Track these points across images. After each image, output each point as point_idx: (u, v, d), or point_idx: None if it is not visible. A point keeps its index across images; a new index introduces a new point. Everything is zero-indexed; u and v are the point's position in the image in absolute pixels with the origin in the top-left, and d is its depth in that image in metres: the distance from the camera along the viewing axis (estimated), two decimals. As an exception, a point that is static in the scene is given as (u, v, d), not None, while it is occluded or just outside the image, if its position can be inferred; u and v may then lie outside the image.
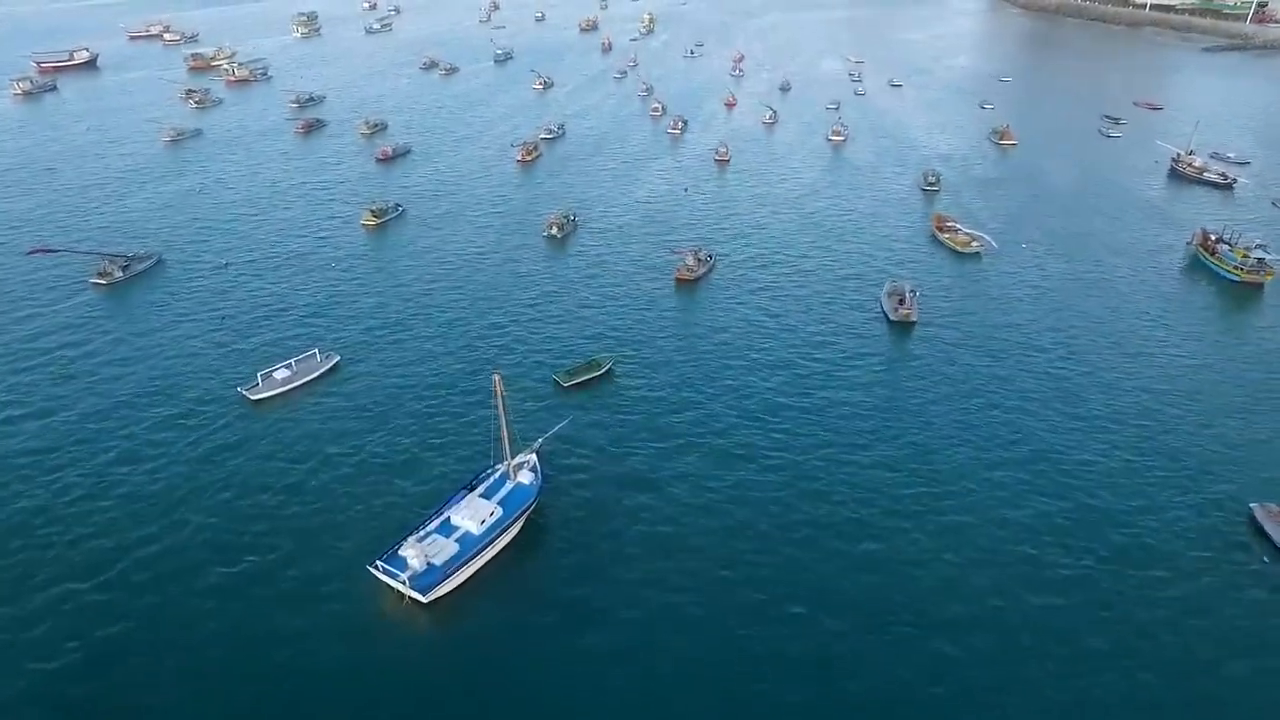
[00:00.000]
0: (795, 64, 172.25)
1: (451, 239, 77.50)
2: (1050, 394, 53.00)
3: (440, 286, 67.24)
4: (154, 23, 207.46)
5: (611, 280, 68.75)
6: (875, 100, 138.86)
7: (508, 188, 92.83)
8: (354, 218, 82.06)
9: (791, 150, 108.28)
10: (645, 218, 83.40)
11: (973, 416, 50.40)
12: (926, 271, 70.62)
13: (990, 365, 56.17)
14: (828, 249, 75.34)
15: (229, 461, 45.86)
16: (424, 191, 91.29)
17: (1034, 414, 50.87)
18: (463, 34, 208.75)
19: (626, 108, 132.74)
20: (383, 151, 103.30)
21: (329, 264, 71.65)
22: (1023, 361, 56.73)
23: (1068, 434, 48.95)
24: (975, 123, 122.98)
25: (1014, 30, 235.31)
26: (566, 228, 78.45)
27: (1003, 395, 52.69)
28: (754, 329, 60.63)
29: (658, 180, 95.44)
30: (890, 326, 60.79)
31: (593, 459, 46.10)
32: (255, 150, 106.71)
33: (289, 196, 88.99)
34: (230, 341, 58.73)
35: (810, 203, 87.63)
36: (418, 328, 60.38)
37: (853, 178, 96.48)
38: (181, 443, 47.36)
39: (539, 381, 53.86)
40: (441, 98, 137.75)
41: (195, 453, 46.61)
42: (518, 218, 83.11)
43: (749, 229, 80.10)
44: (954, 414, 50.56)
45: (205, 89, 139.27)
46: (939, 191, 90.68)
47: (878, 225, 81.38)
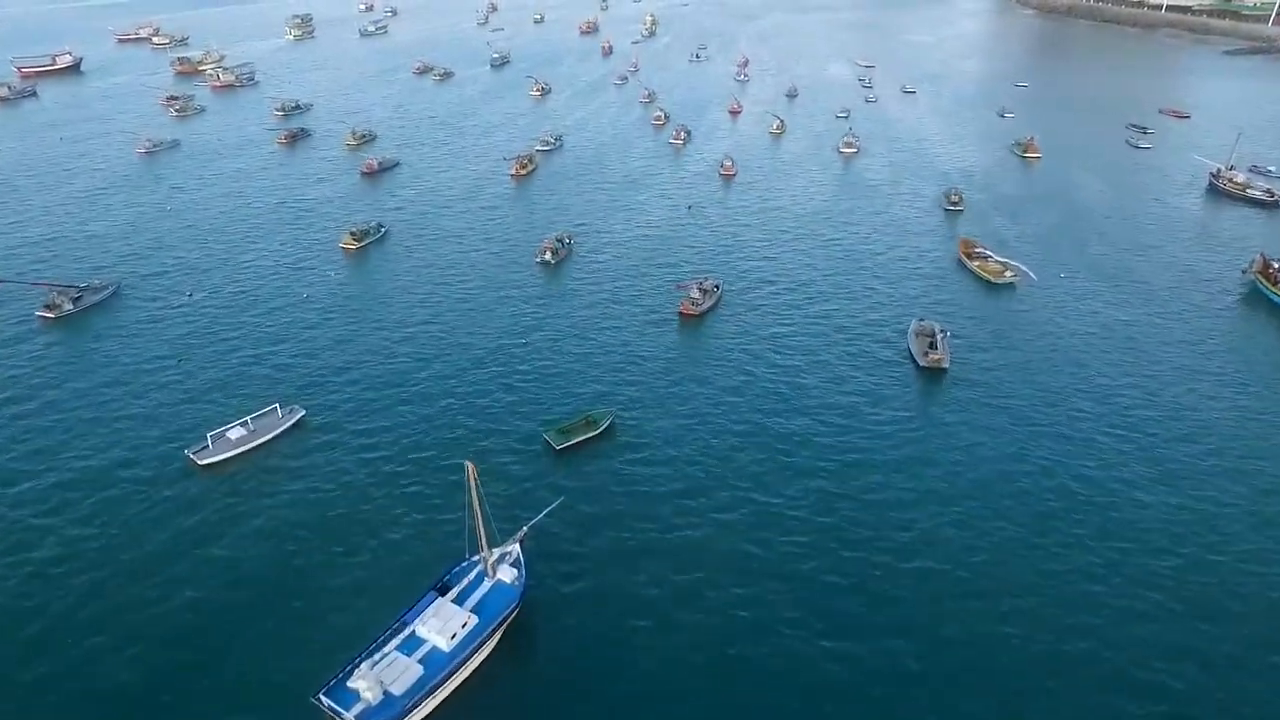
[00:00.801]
0: (802, 68, 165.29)
1: (436, 265, 70.83)
2: (1110, 455, 46.33)
3: (421, 324, 60.51)
4: (143, 25, 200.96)
5: (609, 316, 62.05)
6: (887, 108, 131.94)
7: (500, 205, 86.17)
8: (333, 240, 75.50)
9: (801, 163, 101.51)
10: (646, 240, 76.74)
11: (1021, 482, 43.75)
12: (956, 305, 63.90)
13: (1037, 421, 49.22)
14: (845, 279, 68.56)
15: (157, 550, 39.11)
16: (410, 209, 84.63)
17: (1091, 479, 44.29)
18: (459, 37, 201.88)
19: (627, 115, 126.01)
20: (368, 165, 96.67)
21: (301, 295, 65.06)
22: (1074, 417, 49.83)
23: (1137, 507, 42.32)
24: (995, 133, 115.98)
25: (1025, 32, 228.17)
26: (561, 253, 71.80)
27: (1055, 458, 46.00)
28: (767, 378, 53.79)
29: (659, 197, 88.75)
30: (919, 373, 54.05)
31: (587, 547, 39.44)
32: (234, 163, 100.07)
33: (266, 216, 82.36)
34: (184, 389, 52.13)
35: (823, 224, 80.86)
36: (394, 376, 53.61)
37: (868, 195, 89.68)
38: (111, 522, 40.75)
39: (528, 442, 47.28)
40: (434, 105, 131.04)
41: (119, 537, 39.96)
42: (509, 240, 76.46)
43: (758, 254, 73.34)
44: (999, 484, 43.83)
45: (188, 96, 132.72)
46: (963, 211, 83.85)
47: (898, 250, 74.61)
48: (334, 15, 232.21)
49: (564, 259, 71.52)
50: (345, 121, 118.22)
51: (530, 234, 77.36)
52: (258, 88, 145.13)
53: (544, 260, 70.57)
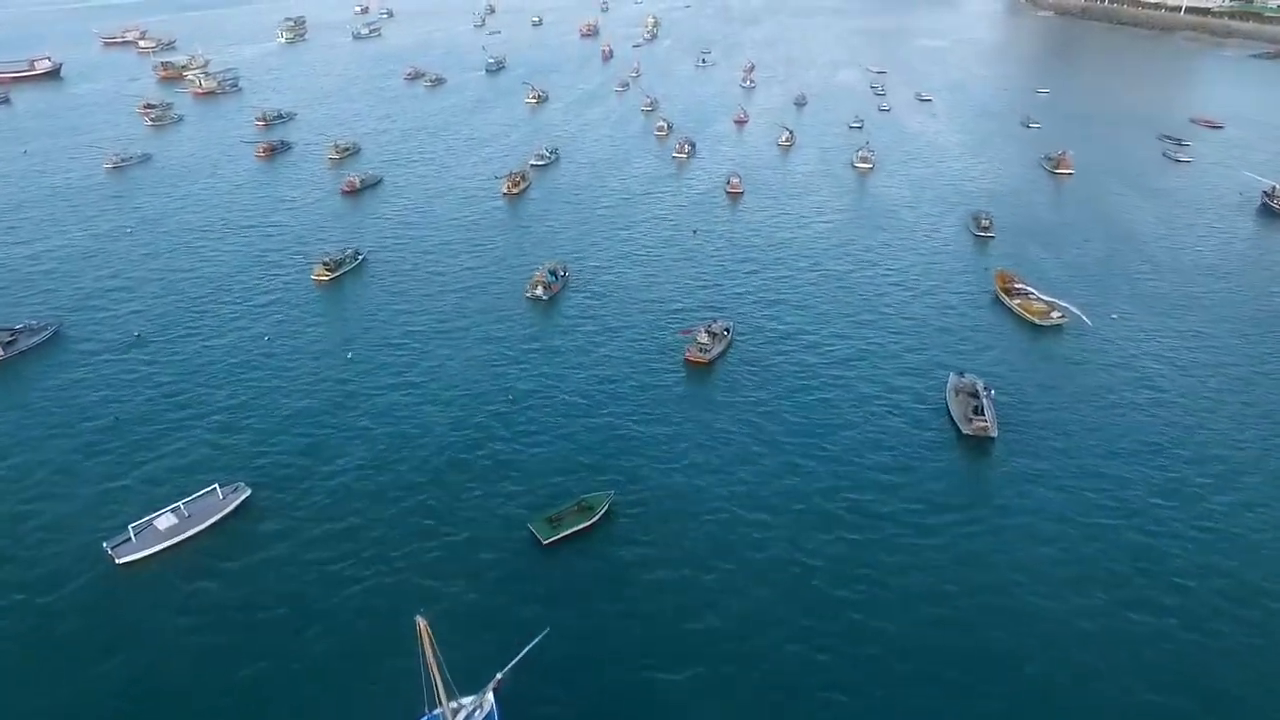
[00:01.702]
0: (810, 74, 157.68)
1: (415, 301, 63.36)
2: (1199, 562, 38.81)
3: (395, 377, 53.00)
4: (130, 28, 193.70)
5: (607, 363, 54.56)
6: (903, 118, 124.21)
7: (489, 229, 78.68)
8: (305, 270, 68.11)
9: (813, 181, 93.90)
10: (647, 270, 69.18)
11: (1096, 597, 36.29)
12: (996, 352, 56.33)
13: (1108, 510, 41.67)
14: (868, 318, 60.95)
15: (56, 677, 31.90)
16: (391, 234, 77.17)
17: (1180, 610, 36.81)
18: (455, 40, 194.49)
19: (628, 125, 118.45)
20: (349, 183, 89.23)
21: (263, 338, 57.72)
22: (1153, 505, 42.33)
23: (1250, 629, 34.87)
24: (1021, 145, 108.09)
25: (1039, 34, 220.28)
26: (554, 287, 64.28)
27: (1133, 563, 38.55)
28: (785, 446, 46.14)
29: (662, 219, 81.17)
30: (961, 441, 46.56)
31: (576, 692, 32.01)
32: (206, 180, 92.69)
33: (233, 241, 74.97)
34: (116, 458, 44.79)
35: (840, 252, 73.20)
36: (358, 445, 46.04)
37: (888, 218, 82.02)
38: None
39: (510, 530, 39.91)
40: (424, 114, 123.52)
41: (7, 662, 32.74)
42: (498, 271, 68.96)
43: (770, 288, 65.70)
44: (1074, 600, 36.28)
45: (166, 104, 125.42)
46: (994, 237, 76.10)
47: (926, 282, 67.02)
48: (328, 18, 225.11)
49: (557, 294, 64.09)
50: (329, 132, 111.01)
51: (521, 263, 69.92)
52: (241, 94, 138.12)
53: (535, 296, 63.14)
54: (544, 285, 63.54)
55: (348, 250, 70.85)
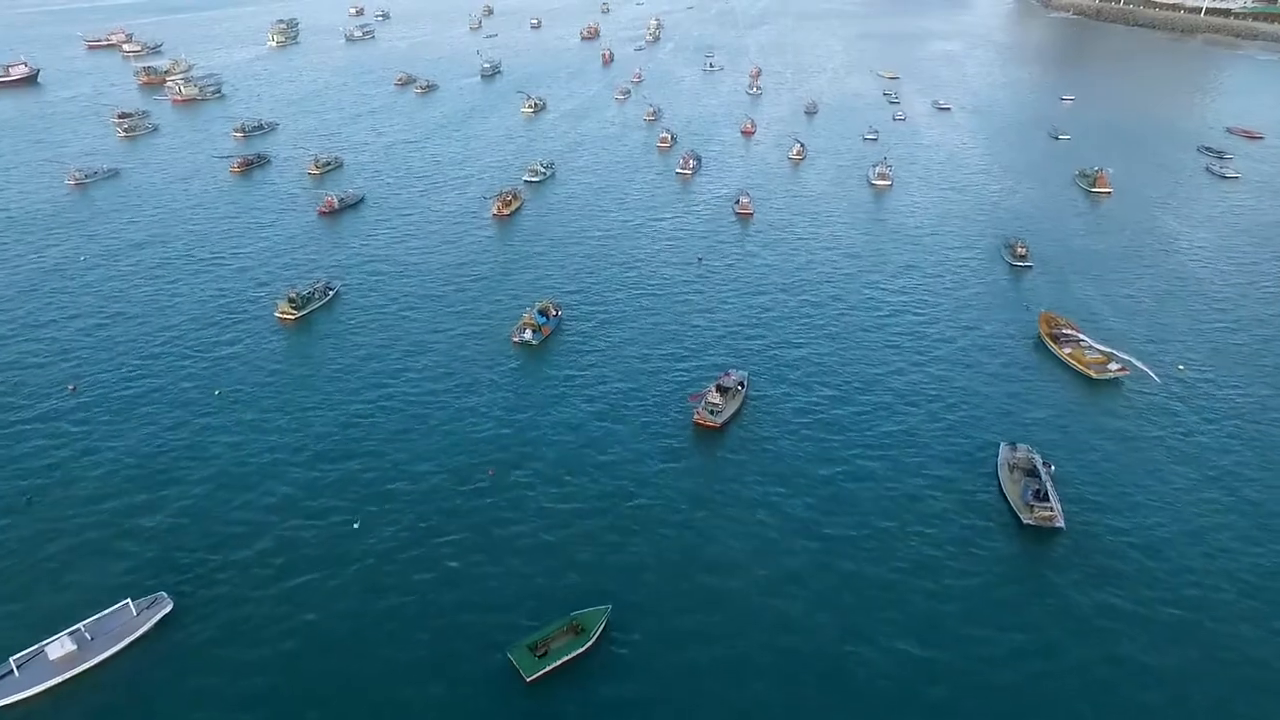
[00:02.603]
0: (820, 80, 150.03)
1: (388, 347, 55.97)
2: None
3: (354, 448, 45.36)
4: (115, 31, 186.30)
5: (601, 422, 47.19)
6: (920, 128, 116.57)
7: (476, 256, 71.26)
8: (269, 306, 60.85)
9: (827, 199, 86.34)
10: (649, 307, 61.74)
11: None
12: (1047, 410, 48.91)
13: (1203, 638, 34.60)
14: (900, 366, 53.58)
15: None
16: (369, 261, 69.84)
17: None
18: (450, 43, 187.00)
19: (629, 136, 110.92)
20: (327, 203, 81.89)
21: (213, 393, 50.39)
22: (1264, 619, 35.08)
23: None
24: (1051, 160, 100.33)
25: (1056, 37, 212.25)
26: (545, 329, 56.94)
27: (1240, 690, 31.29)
28: (814, 544, 39.01)
29: (666, 245, 73.70)
30: (1021, 532, 39.24)
31: None
32: (175, 199, 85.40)
33: (194, 272, 67.62)
34: (18, 559, 37.60)
35: (862, 284, 65.74)
36: (307, 539, 38.76)
37: (911, 244, 74.43)
38: None
39: (486, 655, 32.62)
40: (413, 124, 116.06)
41: None
42: (482, 308, 61.55)
43: (785, 329, 58.21)
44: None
45: (142, 113, 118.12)
46: (1031, 267, 68.62)
47: (961, 325, 59.48)
48: (321, 21, 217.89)
49: (548, 338, 56.72)
50: (311, 144, 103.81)
51: (509, 298, 62.57)
52: (224, 102, 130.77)
53: (523, 340, 55.81)
54: (533, 328, 56.17)
55: (318, 283, 63.48)
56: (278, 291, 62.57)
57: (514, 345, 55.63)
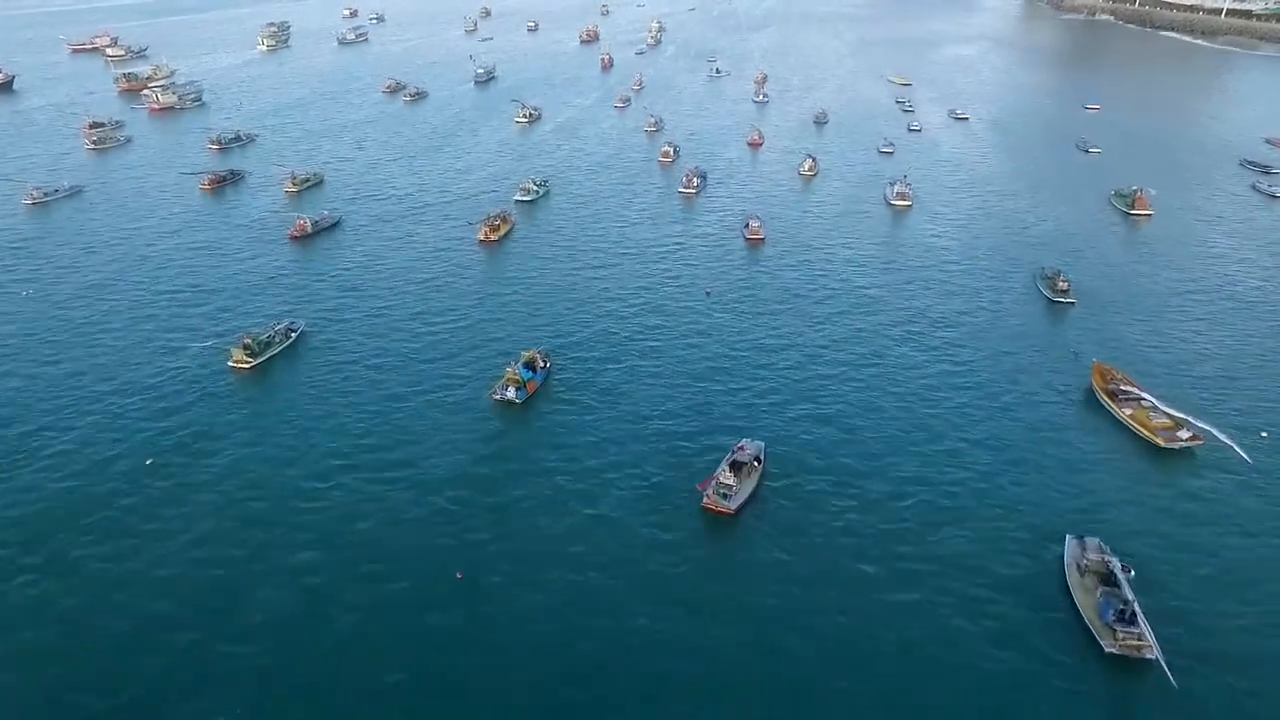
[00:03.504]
0: (828, 87, 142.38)
1: (352, 404, 48.53)
2: None
3: (294, 546, 38.08)
4: (99, 34, 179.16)
5: (594, 517, 39.53)
6: (938, 139, 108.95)
7: (457, 292, 63.75)
8: (223, 353, 53.51)
9: (844, 221, 78.76)
10: (650, 355, 54.44)
11: None
12: (1114, 490, 41.57)
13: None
14: (938, 428, 46.09)
15: None
16: (340, 295, 62.45)
17: None
18: (445, 47, 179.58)
19: (629, 150, 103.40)
20: (299, 227, 74.55)
21: (144, 463, 43.22)
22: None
23: None
24: (1082, 176, 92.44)
25: (1071, 40, 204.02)
26: (531, 385, 49.54)
27: None
28: (843, 687, 31.84)
29: (669, 276, 66.18)
30: (1102, 662, 31.94)
31: None
32: (137, 222, 78.17)
33: (144, 311, 60.29)
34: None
35: (889, 326, 58.02)
36: (224, 677, 31.63)
37: (938, 274, 66.79)
38: None
39: None
40: (399, 135, 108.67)
41: None
42: (462, 354, 54.06)
43: (807, 384, 50.79)
44: None
45: (115, 123, 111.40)
46: (1074, 304, 61.16)
47: (1001, 374, 51.80)
48: (314, 23, 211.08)
49: (534, 395, 49.42)
50: (291, 158, 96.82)
51: (490, 344, 55.18)
52: (204, 110, 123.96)
53: (505, 399, 48.51)
54: (516, 385, 48.80)
55: (279, 325, 56.09)
56: (231, 336, 55.31)
57: (494, 402, 48.35)
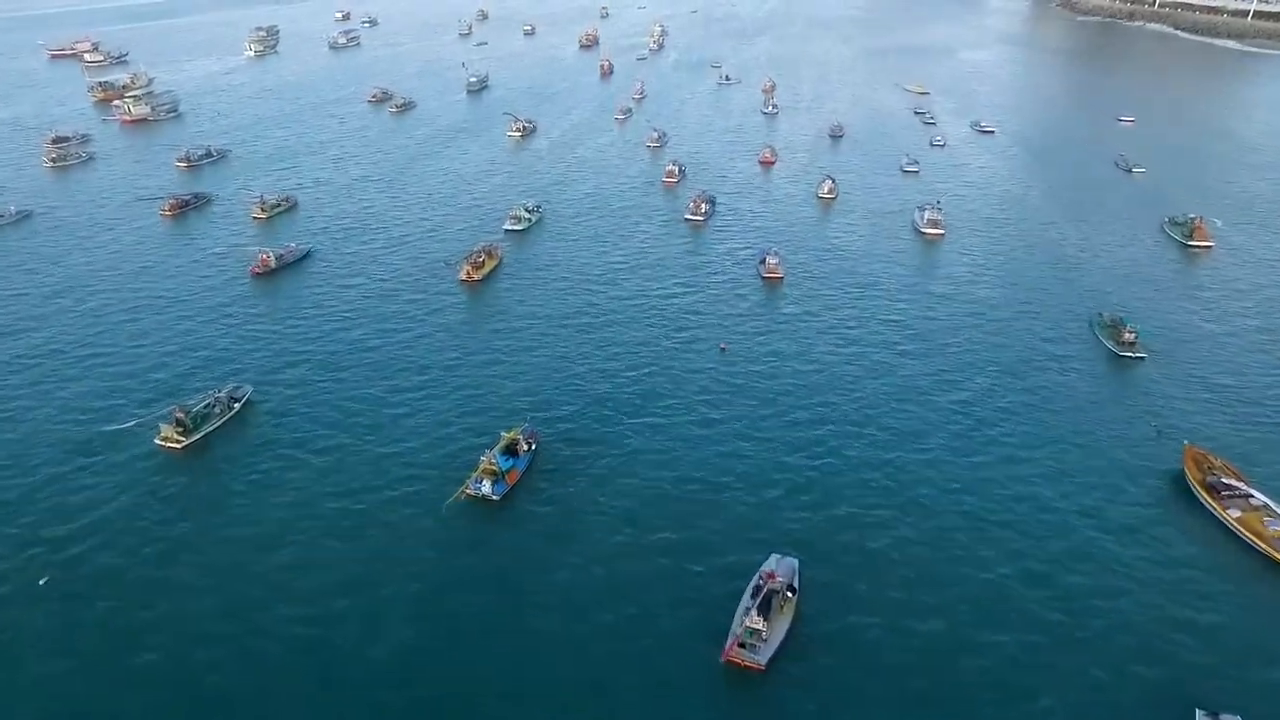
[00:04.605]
0: (841, 96, 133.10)
1: (293, 504, 39.76)
2: None
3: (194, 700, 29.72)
4: (80, 39, 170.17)
5: (587, 693, 31.14)
6: (963, 156, 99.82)
7: (433, 341, 54.69)
8: (154, 427, 44.72)
9: (870, 255, 69.60)
10: (652, 428, 45.52)
11: None
12: (1236, 634, 32.71)
13: None
14: (1018, 548, 37.22)
15: None
16: (298, 350, 53.51)
17: None
18: (437, 51, 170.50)
19: (631, 168, 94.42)
20: (261, 261, 65.72)
21: (37, 583, 34.61)
22: None
23: None
24: (1129, 200, 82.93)
25: (1090, 44, 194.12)
26: (512, 475, 40.67)
27: None
28: None
29: (675, 328, 57.26)
30: None
31: None
32: (86, 255, 69.31)
33: (70, 368, 51.37)
34: None
35: (932, 389, 49.18)
36: None
37: (987, 326, 57.15)
38: None
39: None
40: (383, 151, 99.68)
41: None
42: (432, 435, 45.04)
43: (845, 473, 41.74)
44: None
45: (82, 137, 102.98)
46: (1143, 359, 52.37)
47: (1073, 454, 43.00)
48: (306, 27, 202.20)
49: (514, 488, 40.67)
50: (264, 176, 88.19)
51: (466, 417, 46.36)
52: (180, 122, 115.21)
53: (479, 495, 39.77)
54: (493, 477, 39.88)
55: (220, 392, 47.30)
56: (170, 402, 46.63)
57: (465, 499, 39.58)
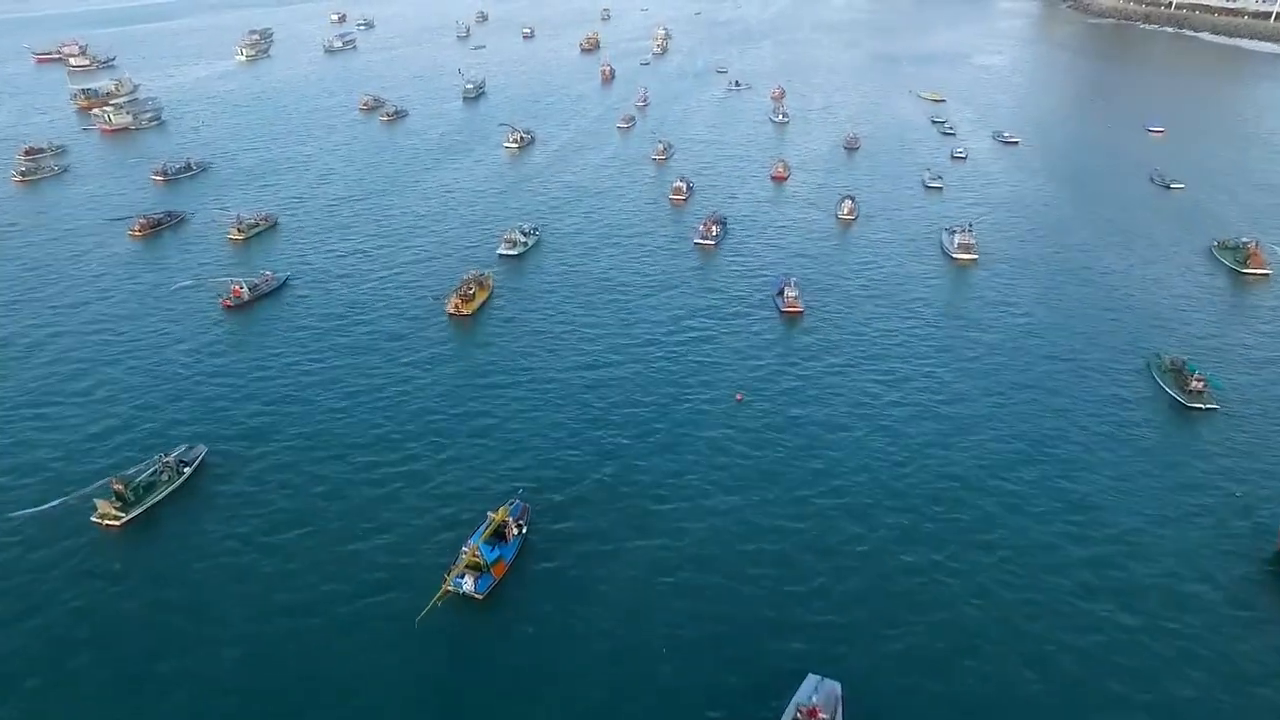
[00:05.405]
0: (853, 103, 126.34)
1: (251, 597, 33.78)
2: None
3: None
4: (67, 43, 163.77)
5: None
6: (987, 169, 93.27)
7: (411, 404, 48.15)
8: (87, 503, 38.39)
9: (898, 282, 63.18)
10: (662, 518, 39.21)
11: None
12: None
13: None
14: (1105, 687, 31.29)
15: None
16: (263, 402, 47.37)
17: None
18: (434, 55, 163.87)
19: (635, 183, 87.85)
20: (234, 293, 59.46)
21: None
22: None
23: None
24: (1170, 221, 76.28)
25: (1102, 48, 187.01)
26: (499, 567, 34.45)
27: None
28: None
29: (686, 375, 50.56)
30: None
31: None
32: (43, 285, 62.74)
33: (9, 440, 45.65)
34: None
35: (982, 454, 43.12)
36: None
37: (1032, 363, 51.29)
38: None
39: None
40: (371, 165, 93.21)
41: None
42: (407, 518, 38.60)
43: (891, 579, 35.74)
44: None
45: (57, 149, 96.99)
46: (1215, 411, 46.09)
47: (1147, 537, 37.00)
48: (301, 29, 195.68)
49: (502, 580, 34.50)
50: (241, 196, 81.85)
51: (445, 499, 39.98)
52: (163, 131, 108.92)
53: (460, 592, 33.62)
54: (477, 573, 33.73)
55: (169, 456, 40.81)
56: (121, 459, 40.62)
57: (445, 596, 33.40)
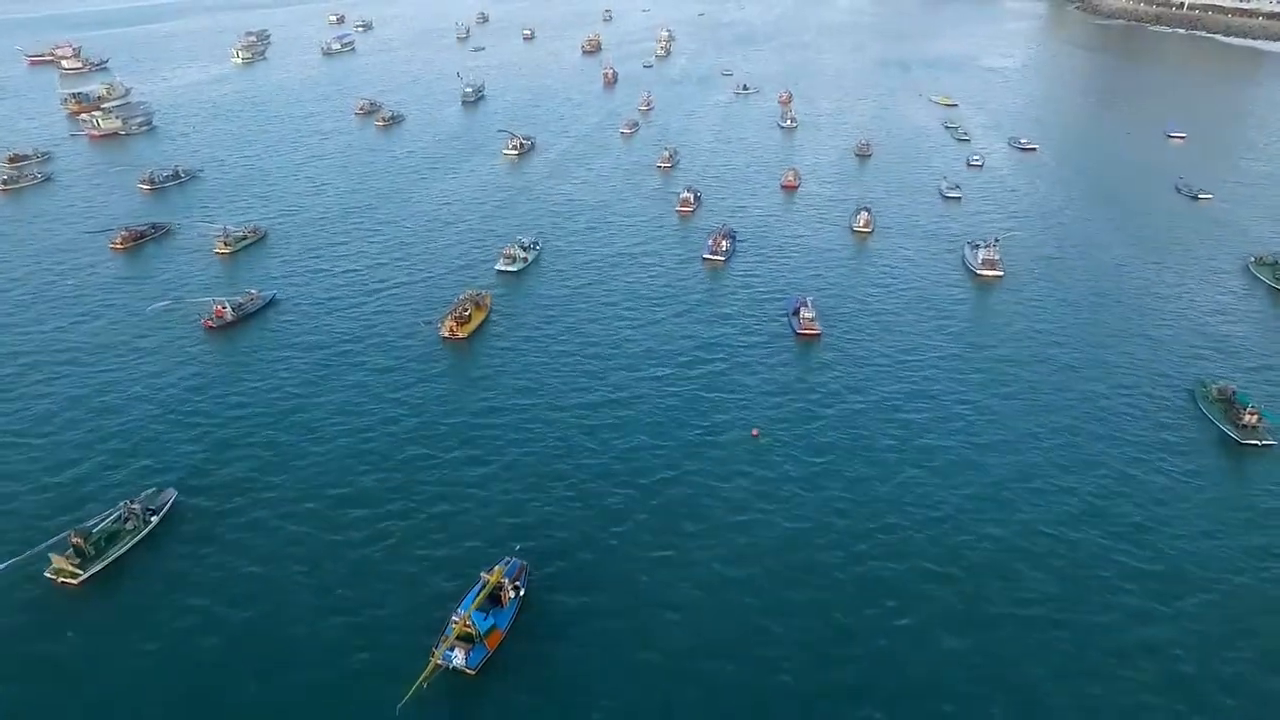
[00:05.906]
0: (864, 108, 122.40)
1: (224, 664, 30.37)
2: None
3: None
4: (60, 45, 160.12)
5: None
6: (1005, 178, 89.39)
7: (403, 440, 44.12)
8: (42, 559, 34.73)
9: (920, 302, 59.21)
10: (669, 586, 35.32)
11: None
12: None
13: None
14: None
15: None
16: (240, 437, 43.55)
17: None
18: (433, 58, 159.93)
19: (640, 193, 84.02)
20: (216, 313, 55.79)
21: None
22: None
23: None
24: (1200, 235, 72.35)
25: (1115, 51, 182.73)
26: (494, 637, 30.74)
27: None
28: None
29: (695, 410, 46.52)
30: None
31: None
32: (17, 306, 58.99)
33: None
34: None
35: (1013, 504, 39.46)
36: None
37: (1072, 395, 47.44)
38: None
39: None
40: (365, 174, 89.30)
41: None
42: (391, 577, 35.27)
43: (920, 631, 32.21)
44: None
45: (42, 155, 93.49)
46: (1270, 447, 42.18)
47: (1209, 622, 33.45)
48: (298, 31, 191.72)
49: (497, 651, 30.83)
50: (229, 206, 78.21)
51: (438, 543, 36.32)
52: (153, 137, 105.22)
53: (449, 666, 29.87)
54: (468, 644, 29.99)
55: (135, 503, 37.00)
56: (84, 505, 37.02)
57: (434, 672, 29.75)
